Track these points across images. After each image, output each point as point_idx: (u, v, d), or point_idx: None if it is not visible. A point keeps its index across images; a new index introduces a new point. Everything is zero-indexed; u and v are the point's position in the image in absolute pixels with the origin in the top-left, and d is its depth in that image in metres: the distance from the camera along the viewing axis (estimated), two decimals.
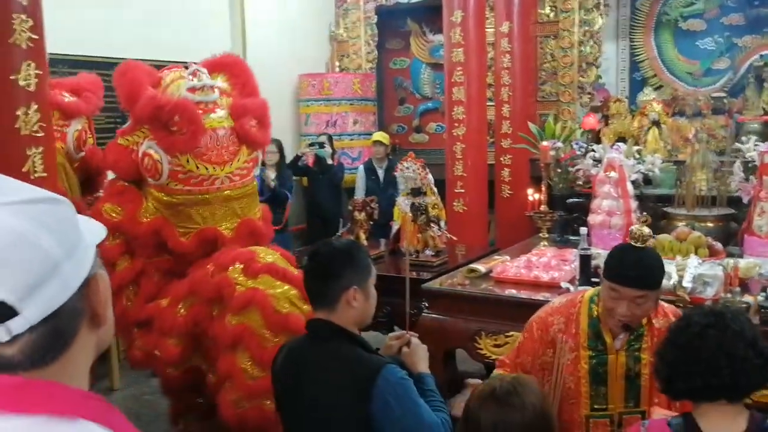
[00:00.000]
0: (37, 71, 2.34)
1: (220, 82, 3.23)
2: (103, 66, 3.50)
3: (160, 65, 3.76)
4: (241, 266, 2.84)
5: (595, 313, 2.28)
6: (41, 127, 2.36)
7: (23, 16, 2.28)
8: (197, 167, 2.97)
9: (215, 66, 3.28)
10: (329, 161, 6.65)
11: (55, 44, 2.45)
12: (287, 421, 2.12)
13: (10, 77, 2.27)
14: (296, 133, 7.97)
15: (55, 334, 0.84)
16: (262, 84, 8.07)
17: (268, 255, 2.97)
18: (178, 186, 2.99)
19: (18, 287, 0.79)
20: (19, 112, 2.30)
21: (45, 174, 2.46)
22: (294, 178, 6.67)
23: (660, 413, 1.83)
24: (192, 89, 3.02)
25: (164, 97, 2.91)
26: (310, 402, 1.96)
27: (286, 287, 2.82)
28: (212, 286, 2.80)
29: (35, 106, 2.35)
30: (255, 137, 3.16)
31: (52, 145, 2.36)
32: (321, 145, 6.62)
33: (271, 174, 6.13)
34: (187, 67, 3.20)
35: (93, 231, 0.93)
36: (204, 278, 2.86)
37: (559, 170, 4.67)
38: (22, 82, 2.30)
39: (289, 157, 6.61)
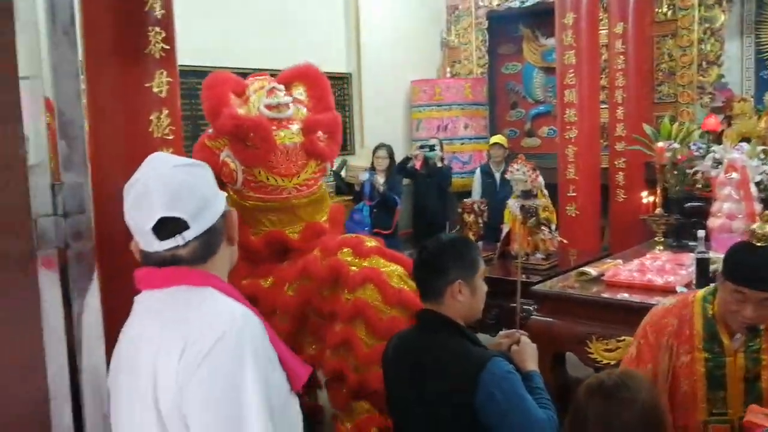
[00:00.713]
0: (168, 79, 2.51)
1: (299, 92, 3.45)
2: None
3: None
4: (350, 250, 3.12)
5: (710, 313, 2.21)
6: (171, 130, 2.53)
7: (158, 29, 2.46)
8: (268, 178, 3.22)
9: (295, 76, 3.50)
10: (438, 164, 6.70)
11: (182, 55, 2.64)
12: (395, 410, 2.18)
13: (145, 84, 2.44)
14: (407, 139, 8.10)
15: (208, 243, 1.38)
16: (375, 91, 8.26)
17: (372, 241, 3.26)
18: (250, 193, 3.26)
19: (189, 212, 1.33)
20: (152, 117, 2.47)
21: None
22: (405, 180, 6.76)
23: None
24: (269, 106, 3.26)
25: (243, 115, 3.18)
26: (418, 392, 2.01)
27: (394, 266, 3.09)
28: (325, 268, 3.06)
29: (166, 111, 2.52)
30: (322, 152, 3.35)
31: (180, 145, 2.55)
32: (431, 148, 6.66)
33: (381, 179, 6.26)
34: (273, 76, 3.45)
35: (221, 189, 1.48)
36: (315, 262, 3.10)
37: (675, 172, 4.51)
38: (155, 89, 2.47)
39: None
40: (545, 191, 4.34)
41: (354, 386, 2.97)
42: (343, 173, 6.94)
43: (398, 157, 6.82)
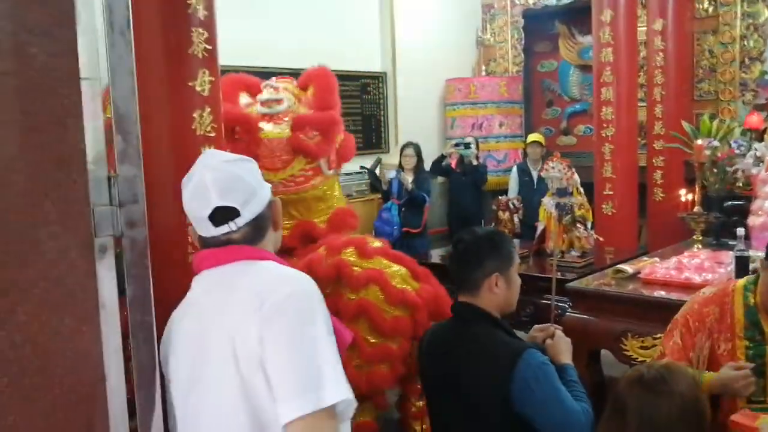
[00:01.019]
0: (210, 78, 2.58)
1: (311, 93, 3.55)
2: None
3: None
4: (354, 250, 3.18)
5: (752, 301, 2.21)
6: (213, 127, 2.60)
7: (200, 29, 2.53)
8: None
9: (308, 78, 3.61)
10: (474, 162, 6.69)
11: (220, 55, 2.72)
12: (432, 400, 2.22)
13: (188, 83, 2.51)
14: (442, 137, 8.11)
15: (257, 228, 1.54)
16: (410, 89, 8.24)
17: (376, 242, 3.36)
18: None
19: (240, 201, 1.49)
20: (195, 115, 2.54)
21: None
22: (440, 178, 6.74)
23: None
24: (261, 102, 3.43)
25: (229, 110, 3.25)
26: (454, 382, 2.05)
27: (397, 267, 3.19)
28: (329, 267, 3.10)
29: (208, 109, 2.59)
30: (307, 147, 3.40)
31: (221, 142, 2.62)
32: (467, 146, 6.66)
33: (409, 177, 6.27)
34: (296, 77, 3.58)
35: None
36: (320, 260, 3.14)
37: (715, 170, 4.46)
38: (198, 88, 2.54)
39: (428, 161, 6.67)
40: (581, 189, 4.34)
41: (357, 386, 3.01)
42: (377, 171, 6.99)
43: (432, 156, 6.84)
